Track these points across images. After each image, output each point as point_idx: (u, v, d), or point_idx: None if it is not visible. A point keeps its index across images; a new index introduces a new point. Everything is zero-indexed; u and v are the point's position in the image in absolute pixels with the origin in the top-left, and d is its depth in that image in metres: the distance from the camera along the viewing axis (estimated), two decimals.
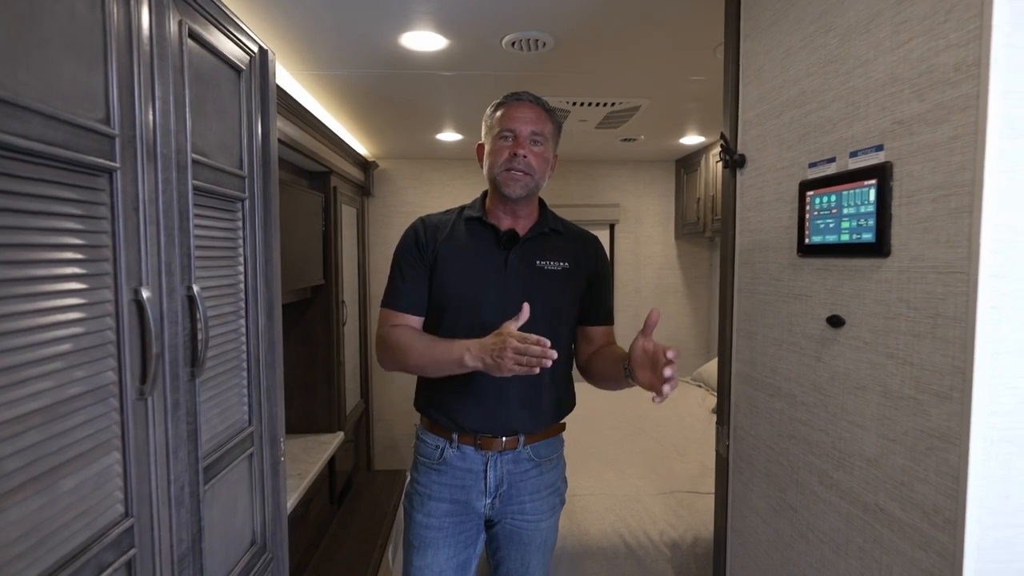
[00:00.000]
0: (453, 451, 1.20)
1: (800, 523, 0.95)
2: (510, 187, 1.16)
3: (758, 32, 1.07)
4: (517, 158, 1.14)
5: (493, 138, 1.19)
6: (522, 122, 1.16)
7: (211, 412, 0.92)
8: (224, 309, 0.98)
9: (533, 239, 1.22)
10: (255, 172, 1.07)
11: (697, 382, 3.39)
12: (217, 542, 0.93)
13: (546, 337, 1.17)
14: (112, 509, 0.68)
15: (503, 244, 1.20)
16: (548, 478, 1.25)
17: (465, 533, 1.23)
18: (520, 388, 1.18)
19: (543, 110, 1.20)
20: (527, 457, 1.22)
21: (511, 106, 1.18)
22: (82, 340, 0.63)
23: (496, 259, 1.20)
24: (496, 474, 1.20)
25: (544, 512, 1.25)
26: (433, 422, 1.23)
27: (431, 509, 1.21)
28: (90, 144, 0.62)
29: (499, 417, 1.18)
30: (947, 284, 0.66)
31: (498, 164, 1.16)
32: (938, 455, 0.67)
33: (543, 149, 1.18)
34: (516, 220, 1.23)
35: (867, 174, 0.79)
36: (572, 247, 1.26)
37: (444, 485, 1.21)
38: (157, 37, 0.75)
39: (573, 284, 1.23)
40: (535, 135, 1.17)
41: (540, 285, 1.19)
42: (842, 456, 0.85)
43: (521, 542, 1.25)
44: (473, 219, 1.23)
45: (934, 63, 0.68)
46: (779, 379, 1.01)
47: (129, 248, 0.69)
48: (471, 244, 1.21)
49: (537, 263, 1.20)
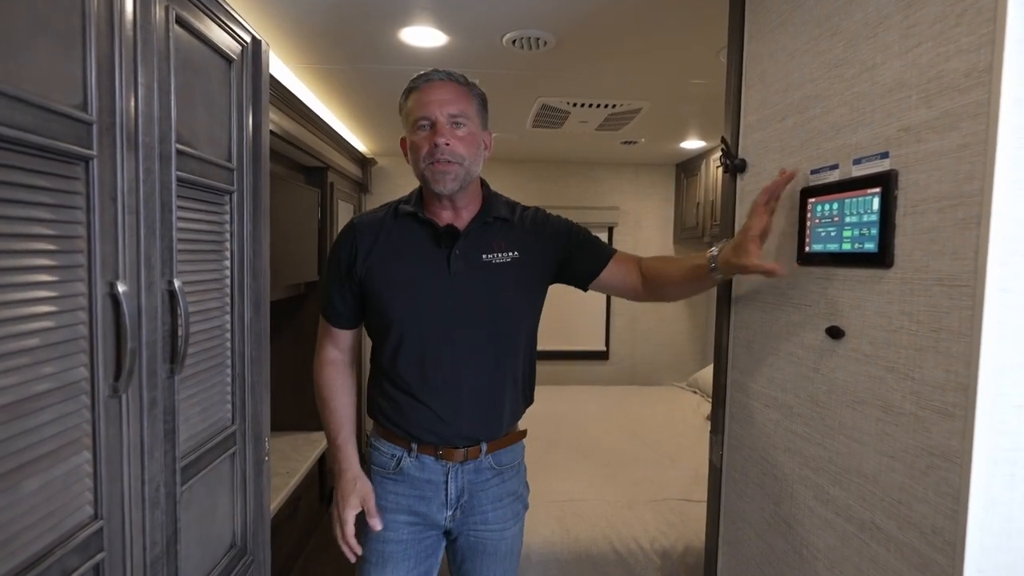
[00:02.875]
0: (411, 460, 1.12)
1: (794, 538, 0.93)
2: (439, 182, 1.04)
3: (763, 35, 1.05)
4: (439, 148, 1.02)
5: (410, 129, 1.06)
6: (437, 105, 1.02)
7: (191, 410, 0.90)
8: (209, 304, 0.95)
9: (475, 232, 1.10)
10: (245, 165, 1.05)
11: (692, 388, 3.38)
12: (194, 544, 0.90)
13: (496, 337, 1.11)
14: (80, 511, 0.65)
15: (443, 242, 1.08)
16: (510, 486, 1.18)
17: (425, 542, 1.15)
18: (476, 395, 1.10)
19: (460, 85, 1.06)
20: (488, 466, 1.14)
21: (422, 90, 1.04)
22: (51, 335, 0.60)
23: (437, 260, 1.08)
24: (457, 485, 1.12)
25: (508, 520, 1.17)
26: (388, 431, 1.14)
27: (388, 522, 1.12)
28: (64, 130, 0.60)
29: (458, 427, 1.10)
30: (952, 297, 0.64)
31: (421, 158, 1.04)
32: (938, 474, 0.65)
33: (468, 131, 1.04)
34: (456, 213, 1.11)
35: (871, 182, 0.77)
36: (520, 233, 1.13)
37: (401, 496, 1.13)
38: (141, 22, 0.72)
39: (527, 273, 1.12)
40: (455, 117, 1.03)
41: (488, 282, 1.08)
42: (839, 471, 0.83)
43: (486, 553, 1.17)
44: (408, 215, 1.11)
45: (943, 68, 0.66)
46: (775, 389, 0.99)
47: (105, 240, 0.67)
48: (407, 246, 1.10)
49: (483, 258, 1.09)
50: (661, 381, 3.69)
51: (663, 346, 3.70)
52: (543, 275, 1.16)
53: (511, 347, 1.13)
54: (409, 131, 1.08)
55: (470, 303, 1.08)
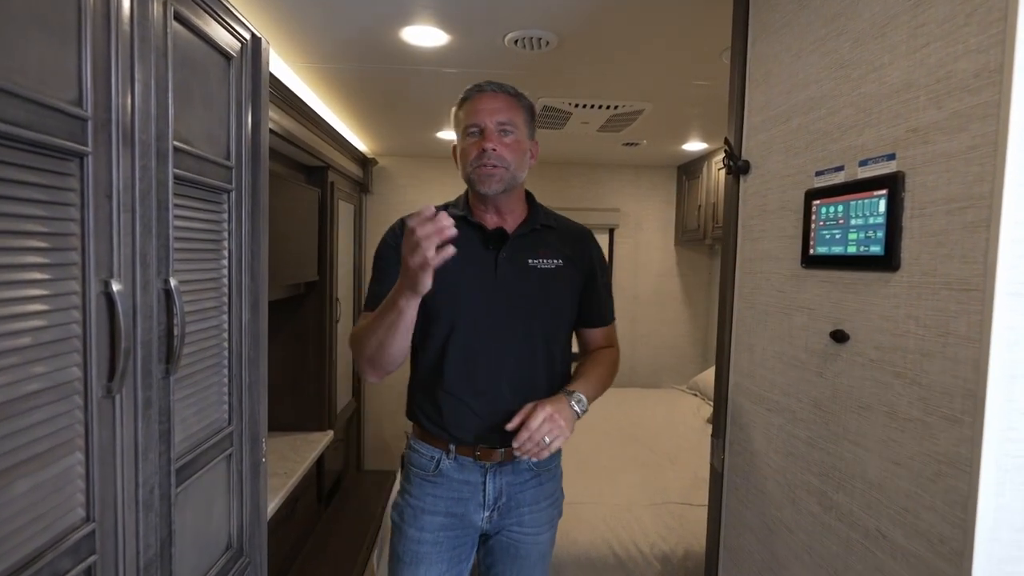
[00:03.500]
0: (450, 462, 1.14)
1: (796, 545, 0.92)
2: (485, 184, 1.09)
3: (767, 35, 1.04)
4: (486, 153, 1.07)
5: (461, 135, 1.12)
6: (487, 114, 1.08)
7: (187, 411, 0.89)
8: (206, 304, 0.94)
9: (523, 236, 1.15)
10: (243, 163, 1.04)
11: (692, 391, 3.36)
12: (189, 547, 0.89)
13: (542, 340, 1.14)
14: (72, 513, 0.64)
15: (491, 244, 1.13)
16: (547, 488, 1.20)
17: (460, 548, 1.17)
18: (518, 396, 1.11)
19: (509, 96, 1.12)
20: (527, 467, 1.16)
21: (474, 99, 1.11)
22: (43, 334, 0.59)
23: (485, 260, 1.13)
24: (495, 486, 1.14)
25: (543, 524, 1.19)
26: (427, 432, 1.16)
27: (425, 523, 1.14)
28: (58, 125, 0.59)
29: (497, 428, 1.10)
30: (960, 301, 0.63)
31: (469, 162, 1.10)
32: (946, 481, 0.64)
33: (515, 138, 1.10)
34: (502, 218, 1.16)
35: (877, 184, 0.76)
36: (566, 243, 1.19)
37: (439, 498, 1.14)
38: (139, 17, 0.71)
39: (569, 282, 1.17)
40: (503, 125, 1.09)
41: (533, 285, 1.13)
42: (843, 477, 0.81)
43: (518, 556, 1.18)
44: (458, 218, 1.13)
45: (952, 69, 0.64)
46: (778, 393, 0.98)
47: (100, 238, 0.66)
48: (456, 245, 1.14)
49: (529, 262, 1.14)
50: (661, 383, 3.68)
51: (663, 348, 3.69)
52: (580, 286, 1.20)
53: (551, 349, 1.16)
54: (460, 138, 1.14)
55: (515, 304, 1.12)
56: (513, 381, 1.12)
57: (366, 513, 2.89)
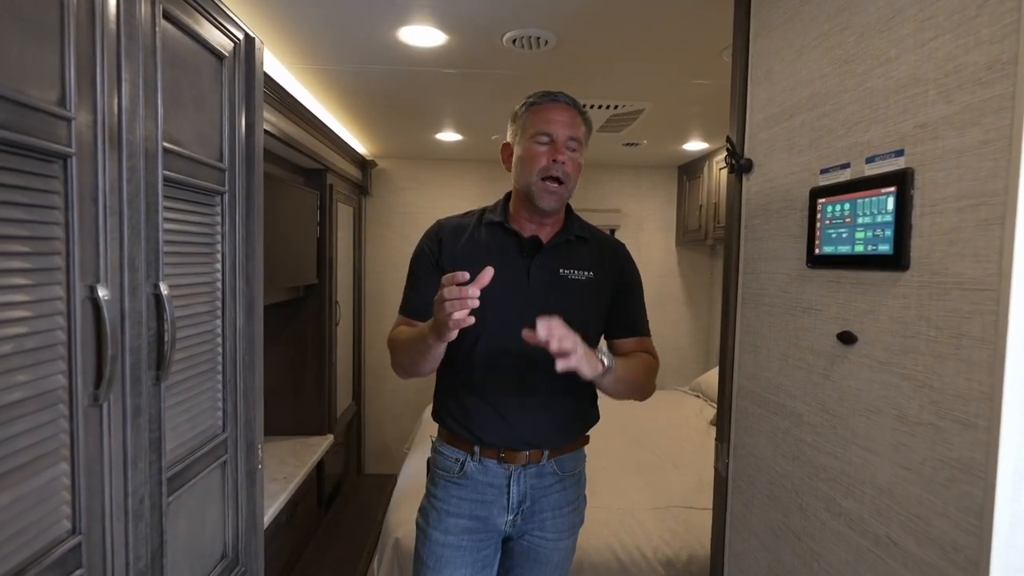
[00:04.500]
0: (475, 464, 1.14)
1: (804, 551, 0.90)
2: (546, 201, 1.09)
3: (769, 31, 1.02)
4: (556, 165, 1.07)
5: (527, 140, 1.11)
6: (560, 125, 1.08)
7: (179, 418, 0.87)
8: (198, 308, 0.92)
9: (557, 247, 1.15)
10: (237, 165, 1.02)
11: (695, 392, 3.34)
12: (181, 557, 0.87)
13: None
14: (57, 525, 0.62)
15: (525, 252, 1.13)
16: (570, 494, 1.19)
17: (484, 551, 1.16)
18: (543, 401, 1.12)
19: (578, 113, 1.13)
20: (551, 471, 1.16)
21: (547, 107, 1.10)
22: (26, 341, 0.57)
23: (517, 268, 1.12)
24: (519, 489, 1.14)
25: (564, 531, 1.19)
26: (453, 434, 1.17)
27: (449, 525, 1.14)
28: (39, 126, 0.57)
29: (522, 430, 1.12)
30: (974, 302, 0.61)
31: (535, 171, 1.08)
32: (960, 487, 0.62)
33: (578, 155, 1.11)
34: (541, 227, 1.16)
35: (885, 181, 0.73)
36: (598, 255, 1.19)
37: (464, 500, 1.15)
38: (125, 15, 0.69)
39: (599, 294, 1.17)
40: (572, 140, 1.09)
41: (564, 295, 1.13)
42: (851, 483, 0.79)
43: (539, 561, 1.18)
44: (495, 224, 1.16)
45: (963, 62, 0.62)
46: (784, 396, 0.96)
47: (85, 242, 0.64)
48: (491, 251, 1.14)
49: (561, 272, 1.14)
50: (664, 385, 3.65)
51: (666, 349, 3.66)
52: (608, 299, 1.19)
53: None
54: (524, 141, 1.11)
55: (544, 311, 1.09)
56: (538, 385, 1.12)
57: (366, 517, 2.87)
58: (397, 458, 3.49)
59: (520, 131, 1.13)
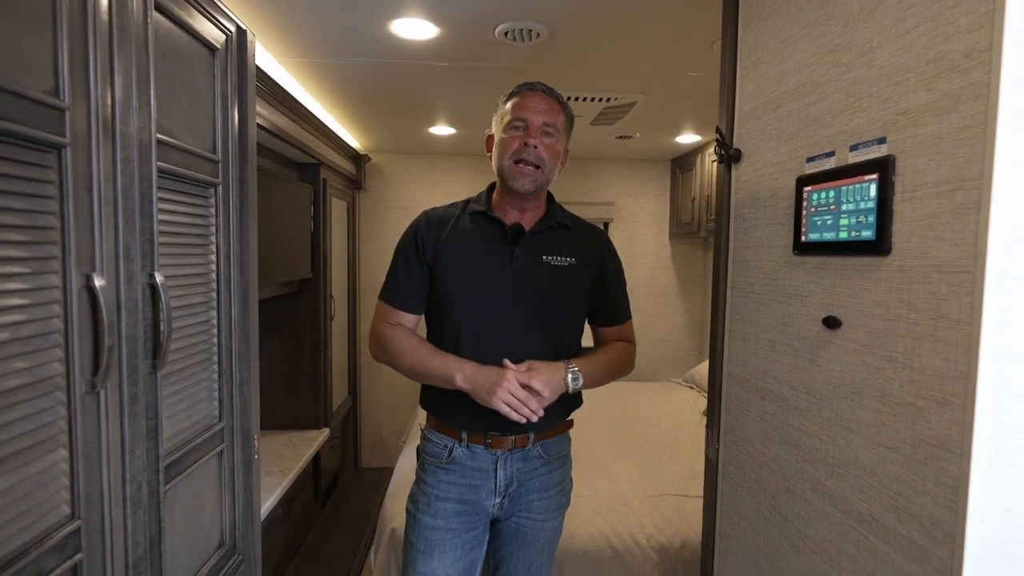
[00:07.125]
0: (463, 450, 1.17)
1: (791, 532, 0.92)
2: (518, 181, 1.13)
3: (757, 21, 1.03)
4: (528, 148, 1.11)
5: (504, 127, 1.16)
6: (534, 112, 1.13)
7: (176, 407, 0.88)
8: (194, 299, 0.93)
9: (539, 233, 1.19)
10: (231, 157, 1.02)
11: (689, 383, 3.37)
12: (179, 544, 0.88)
13: (551, 334, 1.18)
14: (56, 510, 0.63)
15: (508, 239, 1.17)
16: (556, 476, 1.23)
17: (472, 533, 1.20)
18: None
19: (556, 101, 1.17)
20: (537, 455, 1.20)
21: (524, 96, 1.15)
22: (23, 328, 0.58)
23: (501, 254, 1.16)
24: (506, 473, 1.18)
25: (550, 511, 1.22)
26: (441, 421, 1.20)
27: (438, 510, 1.18)
28: (33, 116, 0.58)
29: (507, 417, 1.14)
30: (951, 284, 0.62)
31: (508, 154, 1.13)
32: (937, 464, 0.64)
33: (554, 141, 1.15)
34: (523, 214, 1.20)
35: (868, 168, 0.75)
36: (580, 242, 1.22)
37: (453, 484, 1.18)
38: (117, 7, 0.70)
39: (581, 280, 1.21)
40: (547, 126, 1.14)
41: (546, 281, 1.16)
42: (836, 463, 0.81)
43: (525, 541, 1.22)
44: (478, 213, 1.20)
45: (942, 50, 0.64)
46: (772, 382, 0.98)
47: (81, 231, 0.65)
48: (475, 239, 1.18)
49: (544, 258, 1.17)
50: (657, 377, 3.68)
51: (659, 341, 3.69)
52: (590, 286, 1.23)
53: (561, 343, 1.19)
54: (501, 129, 1.17)
55: (527, 297, 1.16)
56: None
57: (363, 511, 2.88)
58: (393, 452, 3.51)
59: (499, 120, 1.19)
